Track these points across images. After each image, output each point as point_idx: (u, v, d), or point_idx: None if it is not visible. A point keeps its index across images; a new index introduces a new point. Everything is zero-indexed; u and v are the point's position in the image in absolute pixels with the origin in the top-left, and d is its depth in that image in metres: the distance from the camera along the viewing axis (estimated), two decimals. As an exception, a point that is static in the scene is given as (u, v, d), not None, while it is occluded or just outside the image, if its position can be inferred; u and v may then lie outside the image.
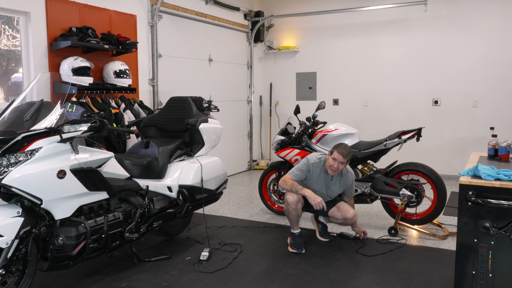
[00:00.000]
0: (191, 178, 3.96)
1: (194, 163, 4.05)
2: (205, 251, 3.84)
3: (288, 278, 3.48)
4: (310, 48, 8.11)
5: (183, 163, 4.06)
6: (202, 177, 4.02)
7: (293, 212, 4.00)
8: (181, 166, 4.02)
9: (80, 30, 4.73)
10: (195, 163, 4.05)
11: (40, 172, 2.78)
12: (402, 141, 4.53)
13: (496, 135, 3.47)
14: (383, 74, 7.48)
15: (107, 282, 3.40)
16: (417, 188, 4.46)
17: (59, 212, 2.96)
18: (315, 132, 4.83)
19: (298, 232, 4.09)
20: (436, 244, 4.21)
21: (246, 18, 8.11)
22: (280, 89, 8.47)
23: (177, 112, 4.30)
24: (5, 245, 2.68)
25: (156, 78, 5.98)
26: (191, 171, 3.99)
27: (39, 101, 3.06)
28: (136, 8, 5.70)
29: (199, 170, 4.01)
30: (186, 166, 4.02)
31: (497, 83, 6.72)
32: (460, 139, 7.00)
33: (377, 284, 3.36)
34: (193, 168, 4.00)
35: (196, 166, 4.02)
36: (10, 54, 4.69)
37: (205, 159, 4.22)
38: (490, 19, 6.70)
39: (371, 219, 5.06)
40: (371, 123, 7.49)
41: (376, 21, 7.48)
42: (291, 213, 4.01)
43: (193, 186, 3.97)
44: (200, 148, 4.25)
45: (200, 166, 4.02)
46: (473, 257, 2.69)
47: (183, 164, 4.04)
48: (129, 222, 3.51)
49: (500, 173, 2.70)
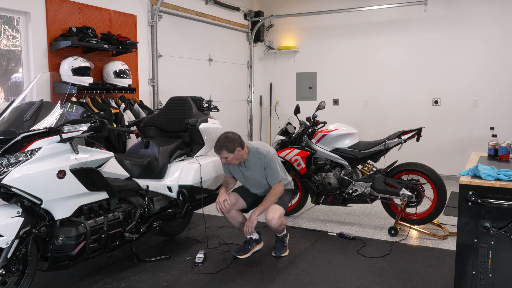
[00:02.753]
0: (191, 178, 3.96)
1: (194, 163, 4.05)
2: (200, 253, 3.83)
3: (288, 278, 3.48)
4: (310, 48, 8.10)
5: (183, 163, 4.06)
6: (202, 177, 4.02)
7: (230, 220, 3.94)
8: (181, 166, 4.02)
9: (80, 30, 4.72)
10: (195, 163, 4.05)
11: (40, 172, 2.78)
12: (402, 141, 4.53)
13: (496, 135, 3.47)
14: (383, 74, 7.48)
15: (107, 282, 3.40)
16: (417, 188, 4.46)
17: (59, 212, 2.96)
18: (315, 132, 4.83)
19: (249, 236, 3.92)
20: (436, 244, 4.21)
21: (246, 18, 8.11)
22: (280, 89, 8.47)
23: (177, 112, 4.30)
24: (5, 245, 2.68)
25: (156, 78, 5.98)
26: (191, 171, 3.98)
27: (39, 101, 3.06)
28: (136, 8, 5.69)
29: (199, 170, 4.01)
30: (186, 166, 4.02)
31: (497, 83, 6.72)
32: (460, 139, 6.99)
33: (377, 284, 3.36)
34: (193, 168, 4.00)
35: (196, 166, 4.01)
36: (10, 54, 4.69)
37: (205, 159, 4.22)
38: (490, 19, 6.69)
39: (371, 219, 5.06)
40: (371, 123, 7.48)
41: (376, 21, 7.48)
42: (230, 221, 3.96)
43: (193, 186, 3.96)
44: (200, 148, 4.25)
45: (200, 166, 4.02)
46: (473, 257, 2.69)
47: (183, 164, 4.04)
48: (129, 222, 3.51)
49: (500, 173, 2.70)
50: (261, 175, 3.84)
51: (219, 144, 3.66)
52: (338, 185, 4.69)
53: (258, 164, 3.81)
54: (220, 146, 3.66)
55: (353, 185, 4.65)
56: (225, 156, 3.68)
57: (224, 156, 3.68)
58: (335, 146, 4.71)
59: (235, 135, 3.71)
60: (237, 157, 3.71)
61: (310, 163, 4.83)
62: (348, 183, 4.67)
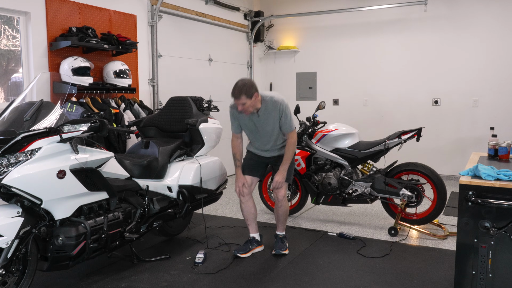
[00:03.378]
0: (191, 178, 3.96)
1: (194, 163, 4.05)
2: (200, 253, 3.83)
3: (288, 278, 3.48)
4: (310, 48, 8.10)
5: (183, 163, 4.06)
6: (202, 177, 4.02)
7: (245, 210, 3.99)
8: (181, 166, 4.02)
9: (80, 30, 4.72)
10: (195, 163, 4.05)
11: (40, 172, 2.78)
12: (402, 141, 4.53)
13: (496, 135, 3.47)
14: (383, 74, 7.48)
15: (107, 282, 3.40)
16: (417, 188, 4.46)
17: (59, 212, 2.96)
18: (315, 132, 4.83)
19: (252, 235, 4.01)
20: (436, 244, 4.21)
21: (246, 18, 8.11)
22: (280, 89, 8.46)
23: (177, 112, 4.30)
24: (5, 245, 2.68)
25: (156, 78, 5.98)
26: (191, 171, 3.98)
27: (39, 101, 3.06)
28: (136, 8, 5.69)
29: (199, 170, 4.01)
30: (186, 166, 4.02)
31: (497, 83, 6.72)
32: (460, 139, 6.99)
33: (377, 284, 3.36)
34: (193, 168, 4.00)
35: (196, 166, 4.02)
36: (10, 54, 4.69)
37: (205, 159, 4.22)
38: (490, 19, 6.69)
39: (371, 219, 5.06)
40: (371, 123, 7.48)
41: (376, 21, 7.48)
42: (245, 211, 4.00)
43: (193, 186, 3.96)
44: (200, 148, 4.25)
45: (200, 166, 4.02)
46: (473, 257, 2.69)
47: (183, 164, 4.04)
48: (129, 222, 3.51)
49: (500, 173, 2.70)
50: (274, 124, 3.77)
51: (238, 90, 3.60)
52: (338, 185, 4.69)
53: (273, 113, 3.74)
54: (239, 91, 3.59)
55: (353, 185, 4.65)
56: (243, 102, 3.60)
57: (242, 102, 3.60)
58: (335, 146, 4.71)
59: (252, 81, 3.70)
60: (254, 103, 3.65)
61: (310, 163, 4.83)
62: (348, 183, 4.67)
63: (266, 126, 3.80)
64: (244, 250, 3.94)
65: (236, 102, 3.66)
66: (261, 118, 3.77)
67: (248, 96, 3.60)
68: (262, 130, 3.83)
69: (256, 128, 3.84)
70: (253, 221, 4.04)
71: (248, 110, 3.67)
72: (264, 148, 3.95)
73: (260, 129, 3.83)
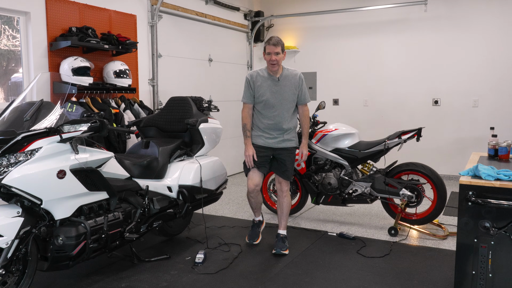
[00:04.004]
0: (191, 178, 3.96)
1: (194, 163, 4.05)
2: (200, 253, 3.83)
3: (288, 278, 3.48)
4: (310, 48, 8.10)
5: (183, 163, 4.06)
6: (202, 177, 4.02)
7: (253, 199, 4.12)
8: (181, 166, 4.02)
9: (80, 30, 4.72)
10: (195, 163, 4.05)
11: (40, 172, 2.78)
12: (402, 141, 4.53)
13: (496, 135, 3.47)
14: (383, 74, 7.48)
15: (107, 282, 3.40)
16: (417, 188, 4.46)
17: (59, 212, 2.96)
18: (315, 132, 4.82)
19: (258, 219, 4.27)
20: (436, 244, 4.21)
21: (246, 18, 8.11)
22: (280, 89, 8.46)
23: (177, 112, 4.30)
24: (5, 245, 2.68)
25: (156, 78, 5.98)
26: (191, 171, 3.98)
27: (39, 101, 3.06)
28: (136, 8, 5.70)
29: (199, 170, 4.01)
30: (186, 166, 4.02)
31: (497, 83, 6.72)
32: (460, 139, 6.99)
33: (377, 284, 3.36)
34: (193, 168, 4.00)
35: (196, 166, 4.02)
36: (10, 54, 4.69)
37: (204, 159, 4.22)
38: (490, 19, 6.69)
39: (371, 219, 5.06)
40: (371, 123, 7.48)
41: (376, 21, 7.48)
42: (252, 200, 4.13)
43: (193, 186, 3.96)
44: (200, 148, 4.25)
45: (200, 166, 4.02)
46: (473, 257, 2.69)
47: (183, 164, 4.04)
48: (129, 222, 3.51)
49: (500, 173, 2.70)
50: (291, 91, 3.91)
51: (276, 40, 3.82)
52: (338, 185, 4.69)
53: (292, 80, 3.92)
54: (277, 41, 3.82)
55: (353, 185, 4.65)
56: (277, 51, 3.79)
57: (277, 51, 3.79)
58: (335, 146, 4.71)
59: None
60: (283, 59, 3.88)
61: (310, 163, 4.83)
62: (348, 183, 4.67)
63: (284, 92, 3.89)
64: (256, 235, 4.20)
65: (271, 50, 3.80)
66: (281, 83, 3.89)
67: (282, 49, 3.84)
68: (280, 98, 3.89)
69: (272, 93, 3.88)
70: (260, 208, 4.28)
71: (278, 63, 3.83)
72: (279, 122, 3.90)
73: (278, 96, 3.89)
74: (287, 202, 4.10)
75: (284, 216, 4.10)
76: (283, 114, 3.90)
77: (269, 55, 3.82)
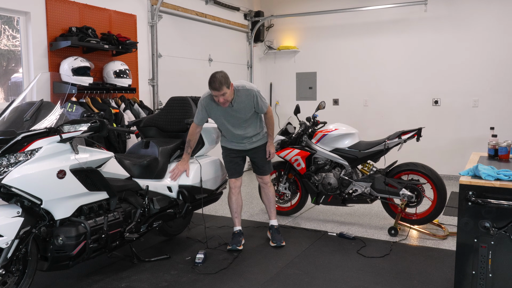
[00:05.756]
0: (190, 178, 3.96)
1: (194, 163, 4.05)
2: (200, 254, 3.83)
3: (288, 278, 3.48)
4: (310, 48, 8.10)
5: (183, 163, 4.06)
6: (202, 177, 4.02)
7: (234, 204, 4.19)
8: (181, 166, 4.01)
9: (80, 30, 4.72)
10: (195, 163, 4.05)
11: (40, 172, 2.78)
12: (402, 141, 4.53)
13: (496, 135, 3.47)
14: (383, 74, 7.48)
15: (107, 282, 3.40)
16: (417, 188, 4.46)
17: (59, 212, 2.96)
18: (315, 132, 4.82)
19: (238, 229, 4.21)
20: (436, 244, 4.21)
21: (246, 18, 8.11)
22: (280, 89, 8.47)
23: (177, 112, 4.30)
24: (5, 245, 2.68)
25: (156, 78, 5.97)
26: (191, 171, 3.99)
27: (39, 101, 3.06)
28: (136, 8, 5.69)
29: (199, 170, 4.01)
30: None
31: (497, 83, 6.72)
32: (460, 139, 6.99)
33: (377, 284, 3.36)
34: (193, 168, 4.00)
35: (196, 166, 4.02)
36: (10, 54, 4.69)
37: (204, 159, 4.22)
38: (490, 19, 6.69)
39: (371, 219, 5.06)
40: (371, 123, 7.48)
41: (376, 21, 7.48)
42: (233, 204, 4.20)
43: (193, 186, 3.97)
44: (200, 148, 4.25)
45: (200, 166, 4.02)
46: (473, 257, 2.69)
47: (183, 164, 4.04)
48: (129, 222, 3.51)
49: (500, 173, 2.70)
50: (249, 110, 3.89)
51: (218, 82, 3.62)
52: (338, 185, 4.69)
53: (247, 101, 3.85)
54: (220, 83, 3.62)
55: (353, 185, 4.65)
56: (224, 93, 3.65)
57: (223, 93, 3.65)
58: (335, 146, 4.71)
59: (224, 72, 3.74)
60: (232, 92, 3.75)
61: (310, 163, 4.83)
62: (348, 183, 4.67)
63: (241, 113, 3.89)
64: (239, 242, 4.11)
65: (216, 94, 3.69)
66: (236, 108, 3.85)
67: (227, 86, 3.68)
68: (238, 120, 3.92)
69: (231, 119, 3.91)
70: (240, 214, 4.28)
71: (227, 99, 3.72)
72: (244, 135, 4.01)
73: (235, 119, 3.92)
74: (272, 192, 4.34)
75: (272, 205, 4.33)
76: (244, 129, 4.01)
77: (216, 97, 3.72)
